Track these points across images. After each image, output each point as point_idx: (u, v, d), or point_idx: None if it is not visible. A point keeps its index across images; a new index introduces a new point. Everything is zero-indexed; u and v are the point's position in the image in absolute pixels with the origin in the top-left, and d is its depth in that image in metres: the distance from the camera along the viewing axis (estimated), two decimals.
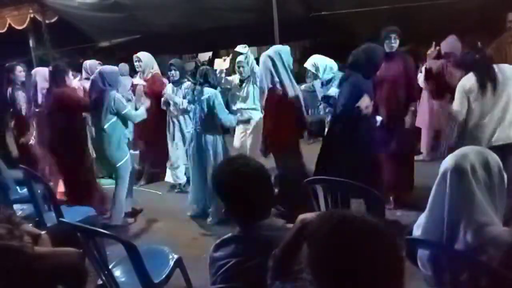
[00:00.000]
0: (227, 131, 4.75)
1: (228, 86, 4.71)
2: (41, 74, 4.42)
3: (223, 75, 6.24)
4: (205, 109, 3.73)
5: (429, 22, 4.63)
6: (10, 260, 1.96)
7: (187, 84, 4.40)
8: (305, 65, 4.21)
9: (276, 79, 3.44)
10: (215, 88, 3.84)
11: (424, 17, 4.67)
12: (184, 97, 4.30)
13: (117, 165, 3.84)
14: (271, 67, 3.45)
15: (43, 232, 2.31)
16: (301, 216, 1.22)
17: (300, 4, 5.55)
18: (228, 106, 4.32)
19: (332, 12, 5.27)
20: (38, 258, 2.06)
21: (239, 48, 4.55)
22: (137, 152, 5.13)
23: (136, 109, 4.08)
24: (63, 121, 3.93)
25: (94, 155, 4.30)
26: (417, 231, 1.63)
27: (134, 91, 4.68)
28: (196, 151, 3.87)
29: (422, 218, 1.63)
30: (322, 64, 4.04)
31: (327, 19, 5.48)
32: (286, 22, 5.14)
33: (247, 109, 4.38)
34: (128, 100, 4.36)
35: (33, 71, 4.68)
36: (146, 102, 4.18)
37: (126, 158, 3.90)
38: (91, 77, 3.98)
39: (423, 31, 4.08)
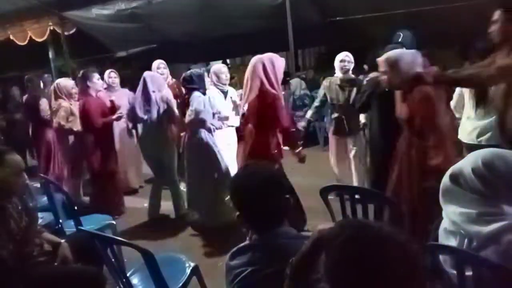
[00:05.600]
0: None
1: None
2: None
3: None
4: None
5: (444, 25, 4.57)
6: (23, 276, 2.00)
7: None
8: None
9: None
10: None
11: (439, 21, 4.61)
12: None
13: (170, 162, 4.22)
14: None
15: (62, 241, 2.35)
16: (319, 227, 1.21)
17: (314, 10, 5.55)
18: None
19: (347, 18, 5.26)
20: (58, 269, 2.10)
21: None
22: None
23: None
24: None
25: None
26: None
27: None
28: None
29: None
30: None
31: (342, 24, 5.46)
32: (300, 29, 5.14)
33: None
34: None
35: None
36: None
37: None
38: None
39: (438, 34, 4.03)
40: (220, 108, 4.10)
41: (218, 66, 4.45)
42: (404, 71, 2.58)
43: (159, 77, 4.29)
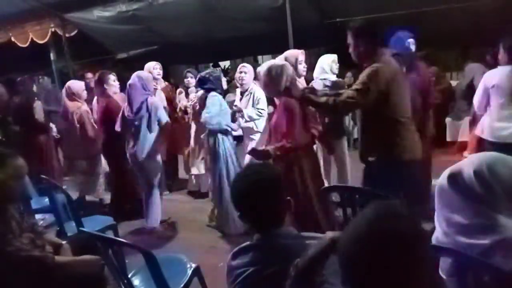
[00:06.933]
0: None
1: None
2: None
3: None
4: None
5: (444, 27, 4.56)
6: (31, 270, 2.01)
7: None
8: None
9: None
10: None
11: (439, 22, 4.61)
12: None
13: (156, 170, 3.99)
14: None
15: (64, 242, 2.36)
16: (330, 234, 1.21)
17: (314, 12, 5.56)
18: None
19: (346, 19, 5.26)
20: (59, 268, 2.10)
21: None
22: None
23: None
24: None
25: None
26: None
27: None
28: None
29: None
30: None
31: (342, 26, 5.46)
32: (300, 30, 5.15)
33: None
34: None
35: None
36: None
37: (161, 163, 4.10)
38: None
39: (439, 35, 4.05)
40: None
41: (240, 65, 4.38)
42: (274, 81, 2.81)
43: (150, 78, 4.05)
